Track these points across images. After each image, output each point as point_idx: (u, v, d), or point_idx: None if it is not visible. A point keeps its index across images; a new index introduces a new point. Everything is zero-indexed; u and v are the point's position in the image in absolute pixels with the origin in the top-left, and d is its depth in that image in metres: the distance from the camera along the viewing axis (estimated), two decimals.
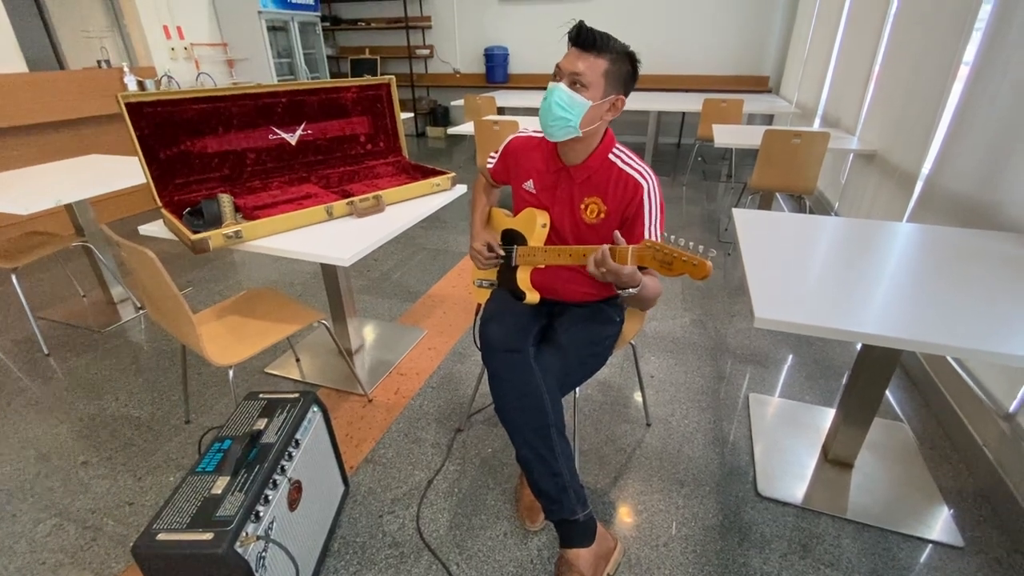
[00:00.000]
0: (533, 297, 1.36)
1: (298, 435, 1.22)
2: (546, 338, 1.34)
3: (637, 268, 1.06)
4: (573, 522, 1.20)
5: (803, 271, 1.29)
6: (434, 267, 3.07)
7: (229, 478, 1.05)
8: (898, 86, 2.70)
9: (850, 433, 1.55)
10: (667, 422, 1.79)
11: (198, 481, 1.05)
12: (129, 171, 2.30)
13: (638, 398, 1.91)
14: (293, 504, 1.16)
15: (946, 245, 1.46)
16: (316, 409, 1.33)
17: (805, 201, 3.20)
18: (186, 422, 1.82)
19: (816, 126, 4.15)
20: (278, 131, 1.92)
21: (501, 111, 5.11)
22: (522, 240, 1.36)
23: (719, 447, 1.68)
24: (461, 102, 5.02)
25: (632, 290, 1.11)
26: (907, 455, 1.63)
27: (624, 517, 1.45)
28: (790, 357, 2.15)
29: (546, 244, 1.32)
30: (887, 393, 1.90)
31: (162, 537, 0.94)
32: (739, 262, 1.32)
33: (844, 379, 2.00)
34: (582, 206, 1.28)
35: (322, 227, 1.65)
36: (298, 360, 2.15)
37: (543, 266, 1.34)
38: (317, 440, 1.32)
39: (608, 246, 1.07)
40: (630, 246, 1.04)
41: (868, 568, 1.29)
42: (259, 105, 1.85)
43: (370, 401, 1.90)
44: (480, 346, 1.32)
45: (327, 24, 7.01)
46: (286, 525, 1.12)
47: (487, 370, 1.27)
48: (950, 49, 2.15)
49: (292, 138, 1.96)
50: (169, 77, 4.63)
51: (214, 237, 1.47)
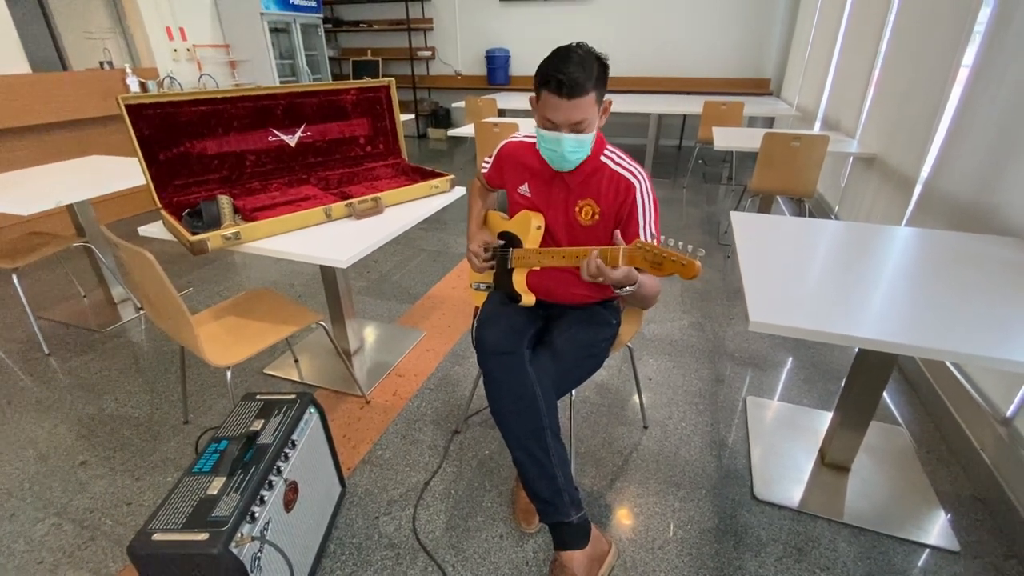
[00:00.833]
0: (529, 299, 1.37)
1: (295, 436, 1.23)
2: (542, 340, 1.34)
3: (632, 268, 1.06)
4: (567, 524, 1.20)
5: (800, 275, 1.29)
6: (433, 269, 3.07)
7: (225, 479, 1.06)
8: (898, 89, 2.70)
9: (847, 437, 1.55)
10: (664, 425, 1.79)
11: (194, 481, 1.06)
12: (129, 172, 2.31)
13: (635, 400, 1.91)
14: (289, 505, 1.16)
15: (944, 249, 1.46)
16: (313, 410, 1.34)
17: (805, 204, 3.20)
18: (184, 422, 1.82)
19: (817, 129, 4.14)
20: (278, 133, 1.92)
21: (502, 113, 5.11)
22: (518, 243, 1.36)
23: (716, 450, 1.68)
24: (462, 104, 5.03)
25: (630, 288, 1.10)
26: (904, 459, 1.62)
27: (620, 519, 1.45)
28: (788, 360, 2.15)
29: (541, 246, 1.33)
30: (884, 397, 1.90)
31: (158, 537, 0.95)
32: (737, 265, 1.32)
33: (842, 383, 1.99)
34: (576, 209, 1.28)
35: (321, 229, 1.66)
36: (296, 361, 2.15)
37: (538, 268, 1.35)
38: (314, 441, 1.32)
39: (598, 250, 1.06)
40: (621, 247, 1.04)
41: (864, 572, 1.29)
42: (259, 107, 1.85)
43: (368, 402, 1.91)
44: (475, 348, 1.32)
45: (329, 26, 7.03)
46: (282, 526, 1.12)
47: (482, 372, 1.28)
48: (949, 52, 2.15)
49: (292, 140, 1.96)
50: (171, 78, 4.65)
51: (213, 238, 1.48)
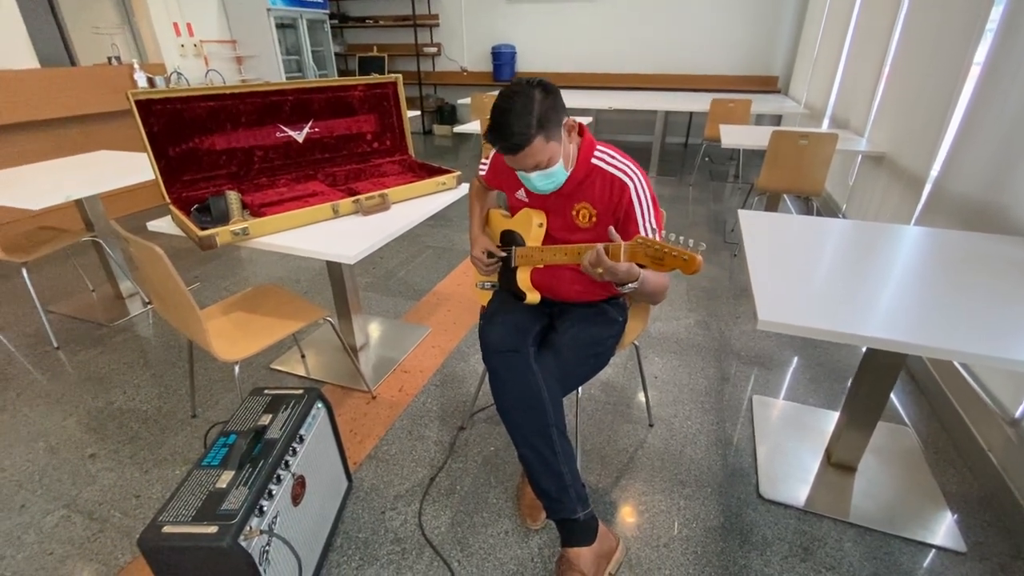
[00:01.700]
0: (533, 297, 1.37)
1: (302, 431, 1.23)
2: (547, 338, 1.34)
3: (634, 264, 1.05)
4: (574, 521, 1.21)
5: (808, 273, 1.29)
6: (439, 265, 3.08)
7: (234, 472, 1.07)
8: (908, 87, 2.68)
9: (854, 436, 1.54)
10: (670, 423, 1.79)
11: (203, 475, 1.06)
12: (138, 167, 2.32)
13: (641, 399, 1.91)
14: (296, 499, 1.17)
15: (954, 248, 1.45)
16: (320, 405, 1.34)
17: (813, 203, 3.18)
18: (192, 416, 1.84)
19: (825, 127, 4.12)
20: (285, 129, 1.93)
21: None
22: (520, 241, 1.37)
23: (722, 449, 1.68)
24: (468, 100, 5.02)
25: (632, 285, 1.09)
26: (911, 459, 1.62)
27: (626, 517, 1.45)
28: (795, 359, 2.15)
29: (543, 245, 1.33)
30: (892, 397, 1.89)
31: (168, 530, 0.96)
32: (744, 263, 1.31)
33: (849, 382, 1.99)
34: (573, 212, 1.28)
35: (328, 225, 1.67)
36: (303, 356, 2.16)
37: (542, 266, 1.35)
38: (321, 436, 1.33)
39: (602, 245, 1.06)
40: (622, 243, 1.04)
41: (870, 572, 1.29)
42: (267, 103, 1.86)
43: (374, 398, 1.92)
44: (481, 346, 1.32)
45: (335, 22, 7.03)
46: (289, 520, 1.13)
47: (487, 370, 1.28)
48: (960, 50, 2.13)
49: (299, 136, 1.97)
50: (179, 74, 4.66)
51: (221, 234, 1.49)
